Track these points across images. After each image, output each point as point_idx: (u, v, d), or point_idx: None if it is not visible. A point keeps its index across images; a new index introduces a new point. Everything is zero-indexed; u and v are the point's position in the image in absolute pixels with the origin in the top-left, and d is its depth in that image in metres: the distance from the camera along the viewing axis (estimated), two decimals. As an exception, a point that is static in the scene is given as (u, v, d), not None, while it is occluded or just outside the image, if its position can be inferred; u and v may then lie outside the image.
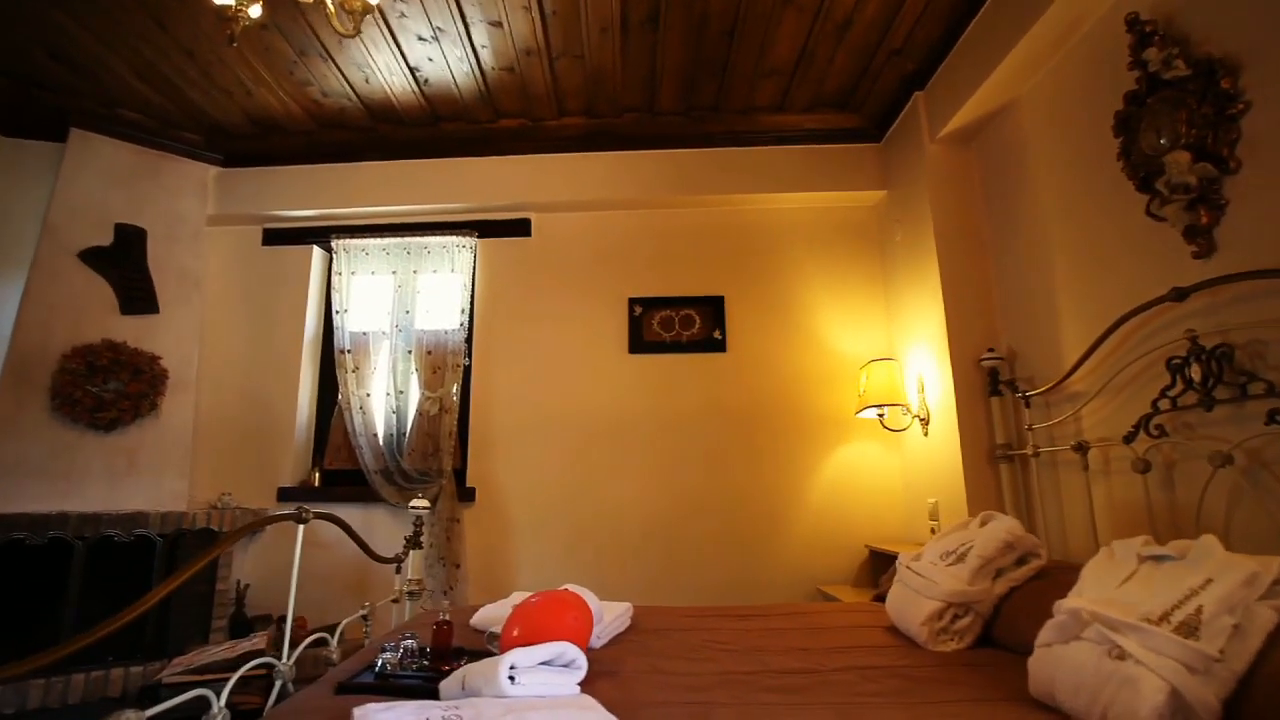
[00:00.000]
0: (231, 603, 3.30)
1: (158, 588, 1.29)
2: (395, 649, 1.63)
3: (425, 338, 3.55)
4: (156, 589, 1.28)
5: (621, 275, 3.61)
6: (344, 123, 3.52)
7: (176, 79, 3.15)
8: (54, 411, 3.01)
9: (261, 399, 3.57)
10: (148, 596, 1.25)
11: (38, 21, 2.79)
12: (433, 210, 3.68)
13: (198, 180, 3.64)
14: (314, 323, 3.74)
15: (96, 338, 3.14)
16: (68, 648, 1.09)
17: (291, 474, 3.52)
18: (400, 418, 3.48)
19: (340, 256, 3.64)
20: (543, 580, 3.26)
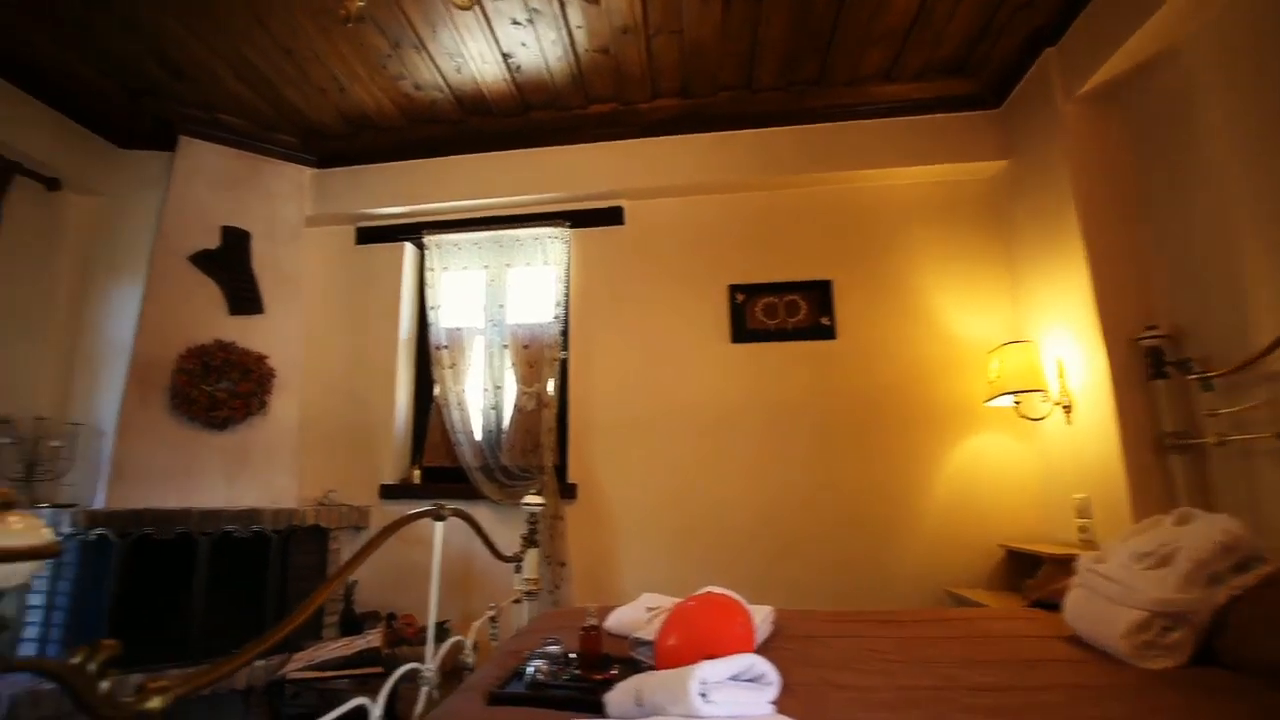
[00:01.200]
0: (341, 600, 3.32)
1: (331, 579, 1.23)
2: (543, 656, 1.52)
3: (520, 332, 3.48)
4: (330, 579, 1.23)
5: (721, 261, 3.45)
6: (434, 116, 3.48)
7: (275, 78, 3.17)
8: (173, 411, 3.08)
9: (361, 397, 3.58)
10: (323, 587, 1.19)
11: (150, 28, 2.84)
12: (523, 202, 3.61)
13: (295, 182, 3.68)
14: (408, 320, 3.74)
15: (209, 338, 3.20)
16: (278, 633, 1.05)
17: (392, 471, 3.52)
18: (498, 414, 3.43)
19: (432, 252, 3.62)
20: (647, 580, 3.15)
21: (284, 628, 1.09)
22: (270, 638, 1.06)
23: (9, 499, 0.61)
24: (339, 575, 1.28)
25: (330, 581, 1.25)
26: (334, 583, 1.25)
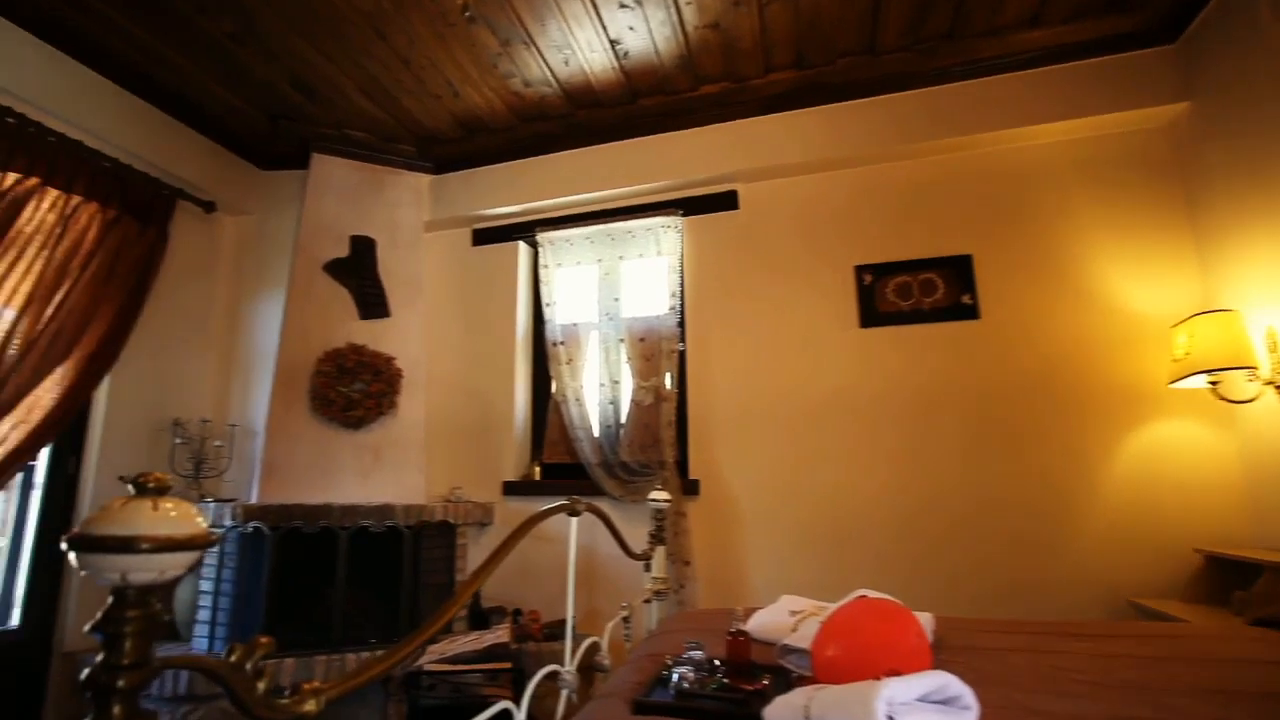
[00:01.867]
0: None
1: (477, 572, 1.23)
2: (687, 662, 1.41)
3: (635, 325, 3.41)
4: (477, 573, 1.22)
5: (845, 241, 3.22)
6: (543, 113, 3.48)
7: (394, 89, 3.28)
8: (313, 412, 3.26)
9: (481, 395, 3.65)
10: (469, 581, 1.15)
11: (283, 52, 3.00)
12: (634, 193, 3.54)
13: (414, 189, 3.81)
14: (524, 318, 3.77)
15: (343, 342, 3.37)
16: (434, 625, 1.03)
17: (514, 468, 3.56)
18: (616, 409, 3.37)
19: (545, 249, 3.63)
20: (778, 580, 2.98)
21: (438, 620, 1.06)
22: (427, 630, 1.02)
23: (164, 483, 0.57)
24: (484, 569, 1.23)
25: (476, 575, 1.20)
26: (480, 577, 1.20)
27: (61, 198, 2.86)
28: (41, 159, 2.78)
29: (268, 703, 0.65)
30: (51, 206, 2.83)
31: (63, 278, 2.85)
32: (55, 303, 2.82)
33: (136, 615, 0.56)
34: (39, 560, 2.98)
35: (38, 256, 2.77)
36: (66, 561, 3.04)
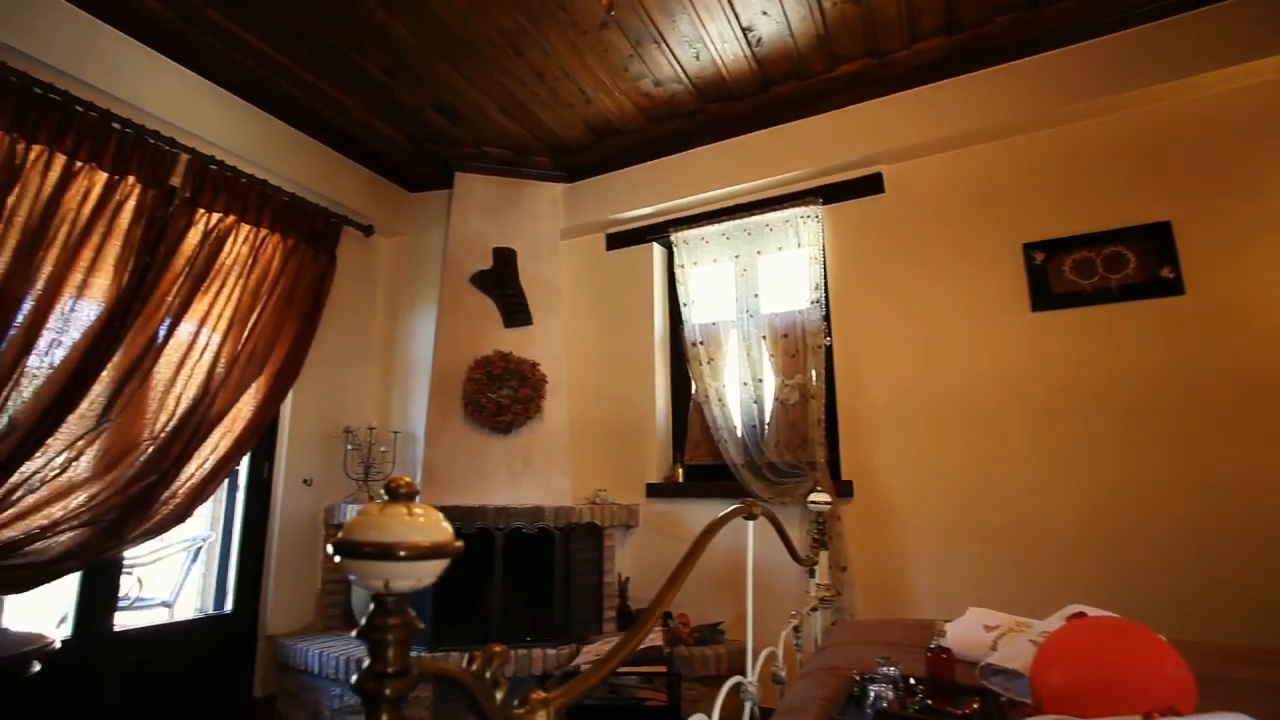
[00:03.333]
0: (616, 595, 3.41)
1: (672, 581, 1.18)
2: (883, 679, 1.30)
3: (777, 321, 3.30)
4: (671, 582, 1.17)
5: (1008, 218, 2.92)
6: (674, 111, 3.45)
7: (530, 103, 3.38)
8: (467, 418, 3.42)
9: (622, 398, 3.67)
10: (665, 591, 1.10)
11: (429, 79, 3.18)
12: (769, 184, 3.42)
13: (549, 199, 3.92)
14: (662, 319, 3.76)
15: (490, 350, 3.52)
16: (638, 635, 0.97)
17: (656, 470, 3.55)
18: (759, 408, 3.27)
19: (680, 249, 3.59)
20: (946, 590, 2.75)
21: (645, 624, 1.00)
22: (635, 636, 0.97)
23: (414, 489, 0.56)
24: (677, 577, 1.18)
25: (671, 584, 1.15)
26: (674, 585, 1.15)
27: (252, 231, 3.19)
28: (237, 199, 3.12)
29: (505, 712, 0.64)
30: (245, 240, 3.16)
31: (255, 303, 3.18)
32: (250, 325, 3.15)
33: (398, 624, 0.56)
34: (245, 553, 3.34)
35: (235, 285, 3.11)
36: (267, 554, 3.39)
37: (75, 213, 2.57)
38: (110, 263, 2.67)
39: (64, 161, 2.55)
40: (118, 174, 2.70)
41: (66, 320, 2.55)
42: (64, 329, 2.54)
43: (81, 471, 2.59)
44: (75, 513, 2.55)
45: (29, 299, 2.43)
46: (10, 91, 2.41)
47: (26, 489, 2.41)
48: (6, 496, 2.36)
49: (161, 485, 2.79)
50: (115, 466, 2.68)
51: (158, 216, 2.83)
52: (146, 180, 2.78)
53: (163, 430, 2.83)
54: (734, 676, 1.45)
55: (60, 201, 2.53)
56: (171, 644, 3.04)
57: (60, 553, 2.49)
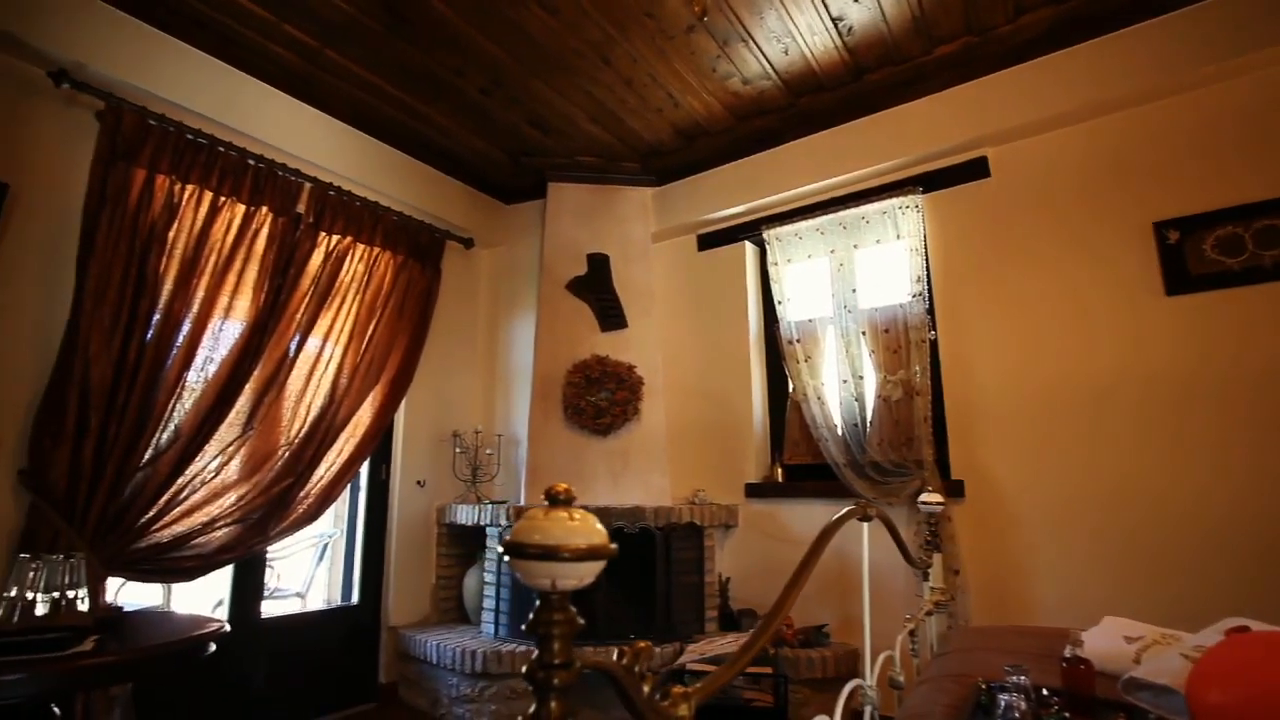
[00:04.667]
0: (717, 595, 3.42)
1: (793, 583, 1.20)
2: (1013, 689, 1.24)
3: (877, 316, 3.20)
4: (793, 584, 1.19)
5: (1133, 195, 2.71)
6: (762, 108, 3.42)
7: (619, 110, 3.45)
8: (567, 420, 3.53)
9: (718, 398, 3.68)
10: (788, 593, 1.11)
11: (523, 96, 3.31)
12: (864, 175, 3.33)
13: (639, 204, 3.98)
14: (756, 317, 3.74)
15: (587, 354, 3.62)
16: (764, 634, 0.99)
17: (755, 470, 3.53)
18: (860, 405, 3.18)
19: (773, 246, 3.55)
20: (1074, 596, 2.58)
21: (767, 627, 1.02)
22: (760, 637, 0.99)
23: (571, 495, 0.61)
24: (799, 579, 1.19)
25: (790, 589, 1.16)
26: (797, 588, 1.16)
27: (367, 250, 3.43)
28: (353, 221, 3.37)
29: (653, 705, 0.67)
30: (360, 258, 3.41)
31: (371, 316, 3.42)
32: (367, 338, 3.39)
33: (562, 619, 0.60)
34: (368, 550, 3.59)
35: (353, 301, 3.36)
36: (387, 551, 3.63)
37: (221, 242, 2.86)
38: (250, 285, 2.95)
39: (210, 197, 2.84)
40: (254, 205, 2.97)
41: (216, 339, 2.83)
42: (214, 346, 2.83)
43: (231, 475, 2.88)
44: (228, 511, 2.83)
45: (187, 321, 2.72)
46: (168, 139, 2.71)
47: (190, 489, 2.71)
48: (175, 496, 2.65)
49: (297, 486, 3.05)
50: (258, 470, 2.96)
51: (287, 241, 3.09)
52: (277, 209, 3.05)
53: (296, 436, 3.09)
54: (852, 680, 1.43)
55: (209, 233, 2.82)
56: (308, 630, 3.31)
57: (218, 546, 2.78)
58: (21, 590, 1.56)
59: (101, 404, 2.46)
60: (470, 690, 3.08)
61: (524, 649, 3.06)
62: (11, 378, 2.38)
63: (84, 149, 2.56)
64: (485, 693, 3.06)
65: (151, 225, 2.64)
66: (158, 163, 2.68)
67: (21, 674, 1.26)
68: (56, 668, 1.30)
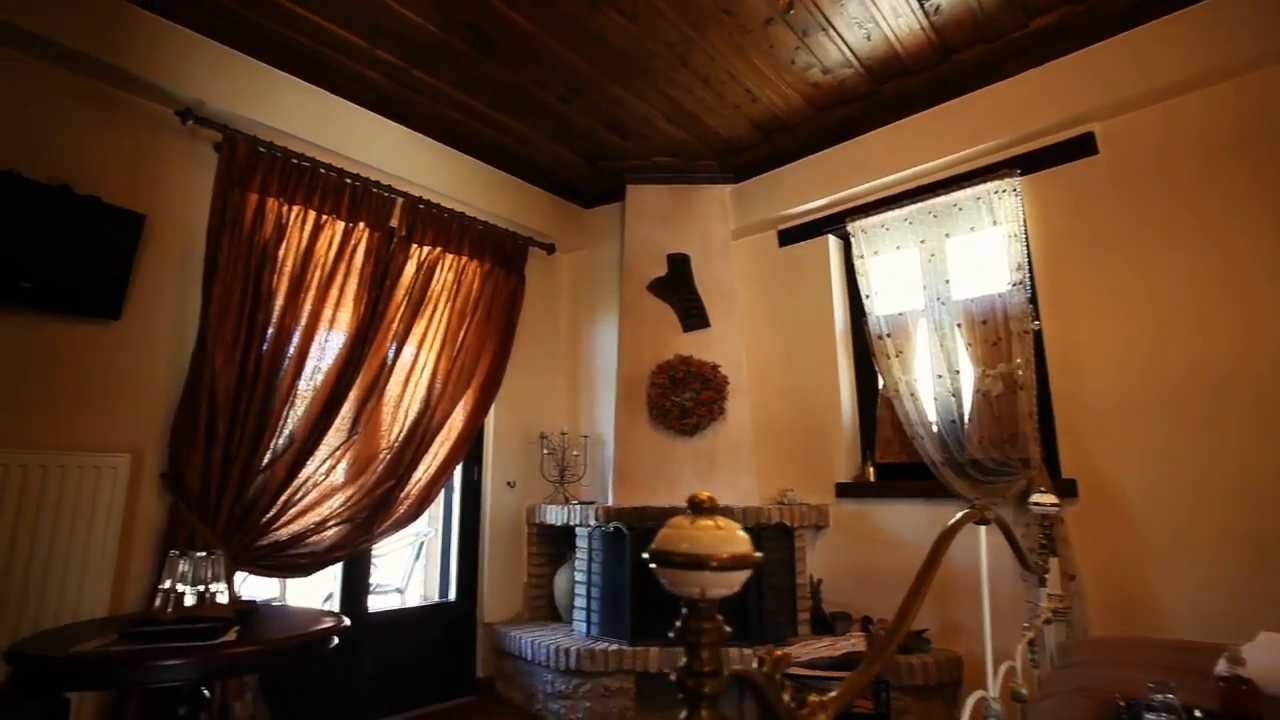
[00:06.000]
0: (809, 596, 3.35)
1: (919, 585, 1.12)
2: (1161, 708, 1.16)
3: (973, 308, 3.05)
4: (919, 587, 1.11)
5: (1264, 170, 2.46)
6: (843, 97, 3.33)
7: (696, 109, 3.43)
8: (653, 421, 3.55)
9: (805, 396, 3.60)
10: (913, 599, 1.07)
11: (601, 100, 3.34)
12: (955, 161, 3.18)
13: (718, 202, 3.95)
14: (842, 312, 3.64)
15: (671, 354, 3.63)
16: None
17: (845, 469, 3.43)
18: (957, 401, 3.04)
19: (858, 239, 3.45)
20: (1211, 608, 2.37)
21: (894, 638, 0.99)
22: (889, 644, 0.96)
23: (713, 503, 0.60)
24: (922, 586, 1.14)
25: (915, 594, 1.12)
26: (920, 595, 1.12)
27: (455, 260, 3.56)
28: (442, 232, 3.50)
29: (792, 714, 0.66)
30: (449, 268, 3.54)
31: (461, 324, 3.55)
32: (458, 344, 3.51)
33: (711, 628, 0.60)
34: (463, 549, 3.73)
35: (444, 309, 3.49)
36: (480, 550, 3.75)
37: (324, 258, 3.04)
38: (350, 297, 3.12)
39: (314, 216, 3.02)
40: (352, 222, 3.14)
41: (322, 349, 3.01)
42: (321, 356, 3.01)
43: (338, 477, 3.05)
44: (337, 511, 3.01)
45: (296, 333, 2.91)
46: (275, 164, 2.90)
47: (304, 491, 2.89)
48: (291, 497, 2.84)
49: (398, 488, 3.20)
50: (362, 473, 3.12)
51: (382, 255, 3.25)
52: (373, 224, 3.22)
53: (396, 440, 3.24)
54: (975, 691, 1.36)
55: (313, 250, 3.00)
56: (410, 625, 3.47)
57: (329, 544, 2.96)
58: (173, 583, 1.70)
59: (227, 412, 2.66)
60: (565, 687, 3.15)
61: (616, 647, 3.09)
62: (152, 389, 2.61)
63: (205, 178, 2.78)
64: (579, 690, 3.12)
65: (264, 245, 2.84)
66: (267, 187, 2.88)
67: (182, 660, 1.39)
68: (210, 655, 1.42)
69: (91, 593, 2.31)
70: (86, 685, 1.48)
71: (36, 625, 2.17)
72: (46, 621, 2.19)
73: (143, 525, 2.53)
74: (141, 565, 2.51)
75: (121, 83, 2.61)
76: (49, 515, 2.25)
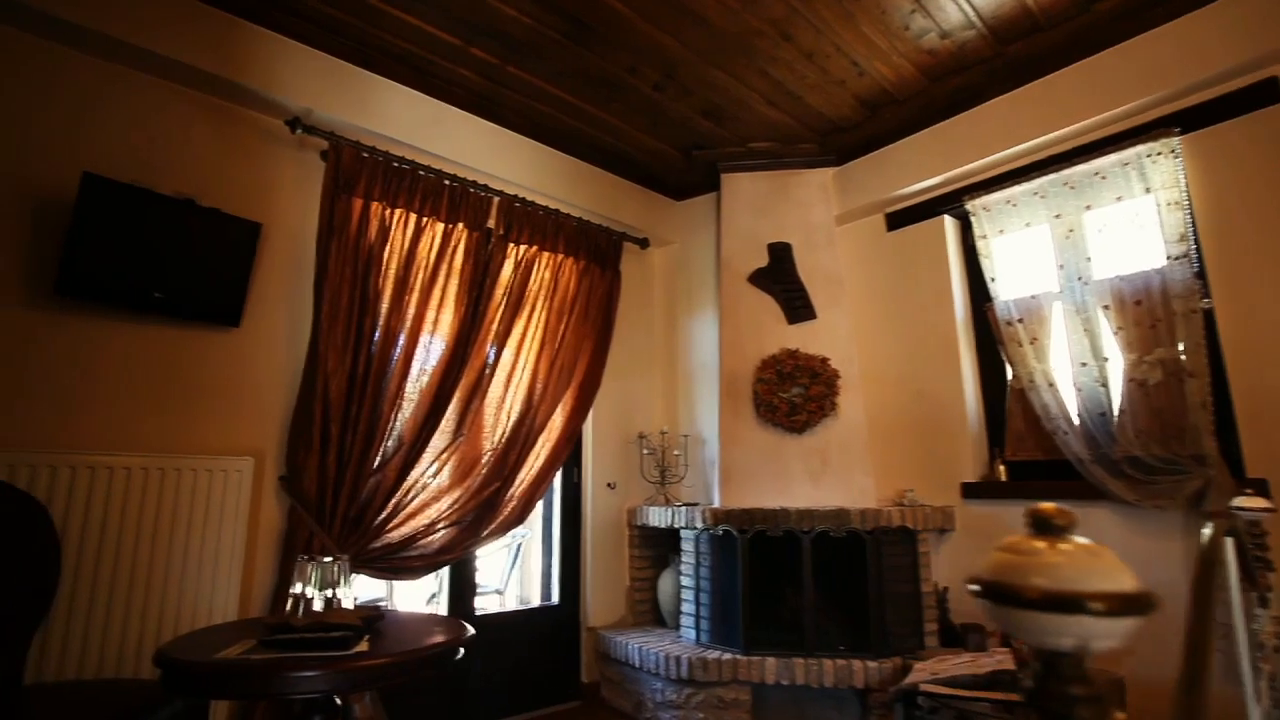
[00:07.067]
0: (935, 606, 3.09)
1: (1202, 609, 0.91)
2: None
3: (1123, 286, 2.73)
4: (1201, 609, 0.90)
5: None
6: (962, 63, 3.06)
7: (798, 88, 3.24)
8: (759, 419, 3.38)
9: (922, 389, 3.35)
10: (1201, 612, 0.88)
11: (698, 86, 3.20)
12: (1097, 124, 2.86)
13: (819, 186, 3.74)
14: (961, 298, 3.35)
15: (776, 348, 3.44)
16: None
17: (972, 468, 3.16)
18: (1105, 391, 2.73)
19: (979, 218, 3.17)
20: None
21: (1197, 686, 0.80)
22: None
23: (1068, 519, 0.45)
24: (1204, 631, 0.94)
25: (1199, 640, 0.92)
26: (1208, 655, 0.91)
27: (551, 258, 3.51)
28: (537, 230, 3.46)
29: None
30: (546, 266, 3.49)
31: (559, 322, 3.49)
32: (557, 343, 3.46)
33: (1085, 694, 0.44)
34: (565, 551, 3.67)
35: (542, 308, 3.44)
36: (582, 552, 3.68)
37: (425, 259, 3.03)
38: (451, 298, 3.10)
39: (415, 219, 3.02)
40: (451, 222, 3.13)
41: (427, 351, 3.01)
42: (425, 358, 3.00)
43: (444, 479, 3.04)
44: (445, 514, 2.99)
45: (402, 335, 2.91)
46: (378, 169, 2.92)
47: (413, 493, 2.89)
48: (401, 499, 2.84)
49: (503, 490, 3.17)
50: (468, 475, 3.10)
51: (481, 255, 3.23)
52: (471, 224, 3.19)
53: (499, 442, 3.21)
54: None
55: (415, 252, 3.00)
56: (516, 628, 3.43)
57: (439, 547, 2.95)
58: (304, 588, 1.69)
59: (339, 415, 2.68)
60: (676, 696, 3.03)
61: (730, 657, 2.94)
62: (269, 394, 2.67)
63: (313, 185, 2.82)
64: (692, 700, 2.99)
65: (369, 249, 2.86)
66: (371, 191, 2.89)
67: (319, 671, 1.34)
68: (346, 667, 1.37)
69: (223, 593, 2.36)
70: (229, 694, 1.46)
71: (176, 625, 2.24)
72: (184, 621, 2.26)
73: (264, 528, 2.58)
74: (265, 567, 2.56)
75: (235, 96, 2.68)
76: (183, 516, 2.32)
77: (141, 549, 2.22)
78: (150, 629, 2.20)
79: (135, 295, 2.31)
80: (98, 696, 1.78)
